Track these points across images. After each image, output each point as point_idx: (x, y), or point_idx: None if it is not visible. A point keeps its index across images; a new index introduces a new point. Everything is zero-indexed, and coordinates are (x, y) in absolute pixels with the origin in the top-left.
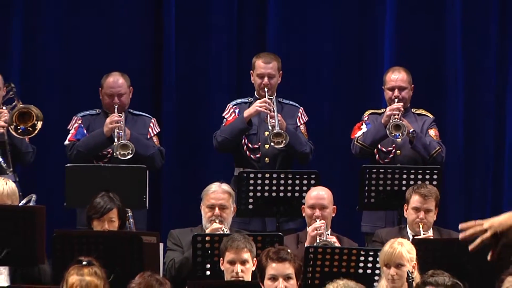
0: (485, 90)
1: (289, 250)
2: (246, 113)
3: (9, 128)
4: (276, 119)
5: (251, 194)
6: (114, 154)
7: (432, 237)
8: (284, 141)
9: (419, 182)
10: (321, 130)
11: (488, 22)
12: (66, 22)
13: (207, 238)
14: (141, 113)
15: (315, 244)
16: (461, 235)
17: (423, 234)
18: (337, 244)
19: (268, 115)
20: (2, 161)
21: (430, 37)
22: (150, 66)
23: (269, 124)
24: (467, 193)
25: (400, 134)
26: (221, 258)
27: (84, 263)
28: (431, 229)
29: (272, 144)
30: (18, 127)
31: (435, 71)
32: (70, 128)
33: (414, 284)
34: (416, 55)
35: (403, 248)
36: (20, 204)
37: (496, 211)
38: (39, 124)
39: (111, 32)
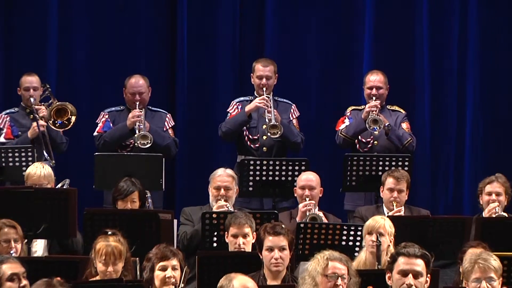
0: (448, 90)
1: (283, 225)
2: (247, 108)
3: (48, 122)
4: (272, 114)
5: (251, 178)
6: (136, 144)
7: (403, 214)
8: (279, 132)
9: (393, 168)
10: (310, 123)
11: (450, 34)
12: (94, 32)
13: (214, 215)
14: (158, 109)
15: (304, 218)
16: None
17: (397, 210)
18: (324, 220)
19: (266, 111)
20: (47, 156)
21: (402, 45)
22: (166, 70)
23: (266, 118)
24: (433, 177)
25: (378, 127)
26: (226, 232)
27: (110, 233)
28: (403, 207)
29: (269, 134)
30: (56, 121)
31: (407, 74)
32: (98, 122)
33: (385, 253)
34: (391, 60)
35: (385, 222)
36: (55, 186)
37: (457, 193)
38: (73, 119)
39: (133, 40)
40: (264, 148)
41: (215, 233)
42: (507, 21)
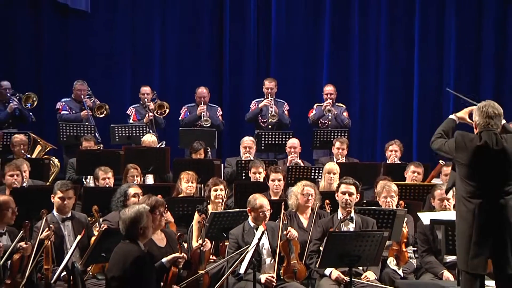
0: (369, 94)
1: (280, 167)
2: (260, 105)
3: (154, 112)
4: (273, 108)
5: (262, 141)
6: (201, 124)
7: (344, 162)
8: (276, 118)
9: (339, 136)
10: (295, 113)
11: (370, 60)
12: (175, 56)
13: (243, 162)
14: (213, 105)
15: (291, 164)
16: None
17: (341, 159)
18: (302, 164)
19: (270, 107)
20: (157, 135)
21: (343, 68)
22: (216, 81)
23: (269, 110)
24: (360, 141)
25: (331, 114)
26: (249, 171)
27: (188, 171)
28: (345, 157)
29: (270, 119)
30: (158, 112)
31: (346, 85)
32: (181, 112)
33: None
34: (338, 77)
35: (337, 166)
36: (157, 146)
37: (373, 149)
38: (167, 111)
39: (198, 61)
40: (269, 126)
41: (244, 172)
42: (403, 50)
